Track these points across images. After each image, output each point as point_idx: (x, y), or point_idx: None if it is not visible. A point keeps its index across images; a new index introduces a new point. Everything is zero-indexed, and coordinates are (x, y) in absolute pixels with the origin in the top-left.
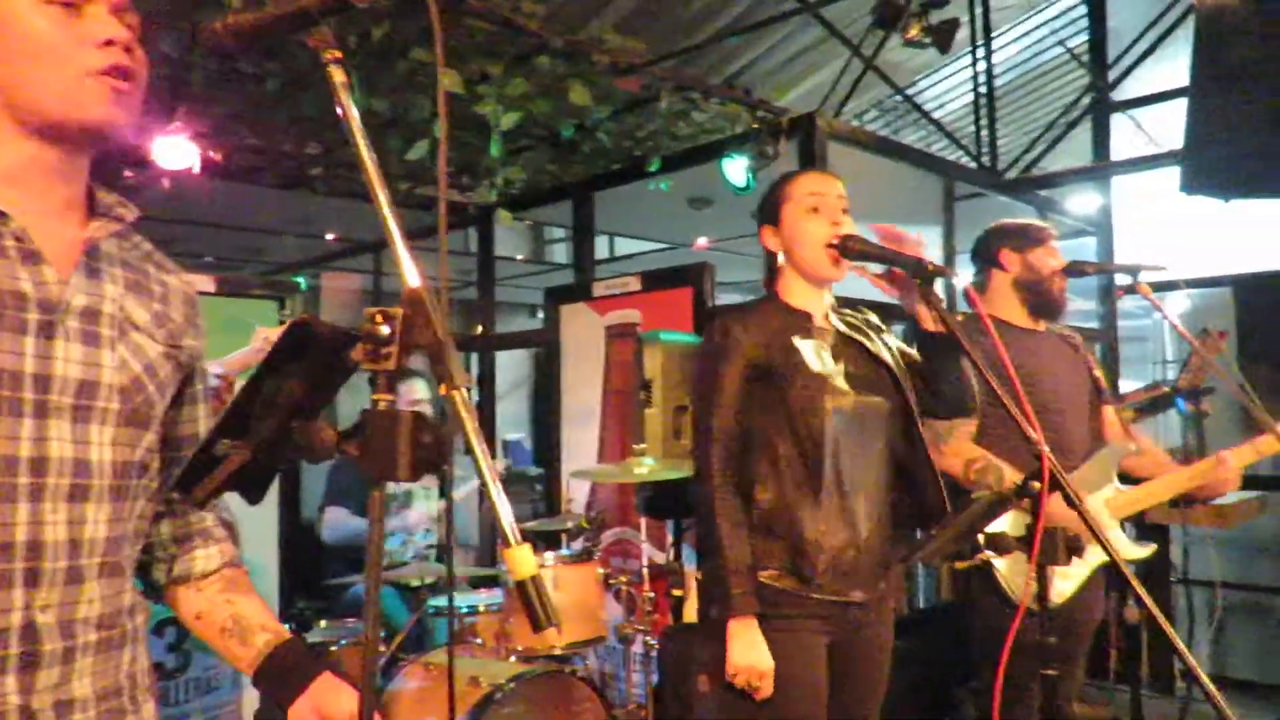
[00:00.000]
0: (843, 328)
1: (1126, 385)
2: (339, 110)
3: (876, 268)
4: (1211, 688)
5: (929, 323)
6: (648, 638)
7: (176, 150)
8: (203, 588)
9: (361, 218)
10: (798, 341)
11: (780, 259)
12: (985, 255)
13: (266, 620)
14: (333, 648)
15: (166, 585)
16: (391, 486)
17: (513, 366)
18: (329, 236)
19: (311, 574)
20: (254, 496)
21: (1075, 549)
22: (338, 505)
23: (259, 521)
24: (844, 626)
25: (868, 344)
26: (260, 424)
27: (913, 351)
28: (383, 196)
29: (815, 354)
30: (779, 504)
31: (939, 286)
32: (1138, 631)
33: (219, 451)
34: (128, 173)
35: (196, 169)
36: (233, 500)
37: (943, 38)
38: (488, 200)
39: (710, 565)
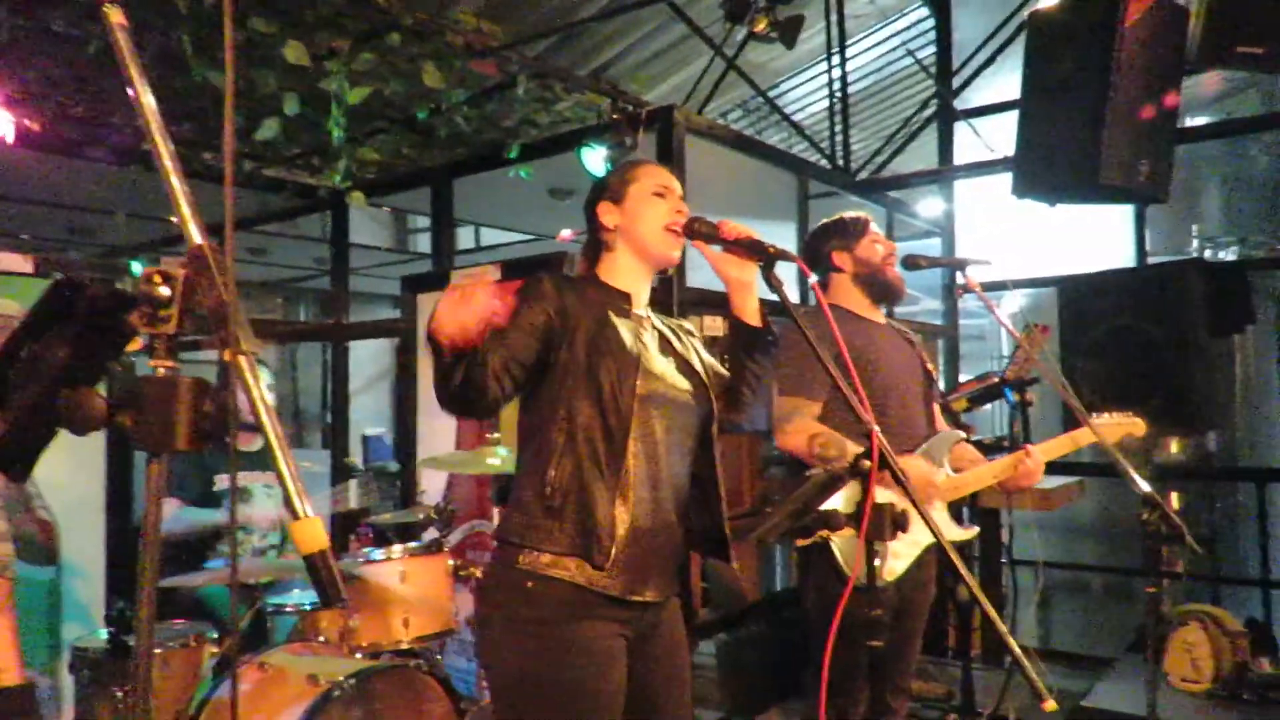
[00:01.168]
0: (659, 324)
1: (965, 377)
2: (117, 57)
3: (718, 249)
4: (1020, 654)
5: (749, 317)
6: None
7: None
8: None
9: (207, 198)
10: (615, 319)
11: (609, 239)
12: (820, 261)
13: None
14: (158, 650)
15: None
16: (232, 481)
17: (374, 359)
18: (173, 218)
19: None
20: (16, 472)
21: (901, 525)
22: (169, 497)
23: (83, 520)
24: (639, 626)
25: (678, 345)
26: (20, 392)
27: (721, 368)
28: (164, 147)
29: (631, 334)
30: (572, 480)
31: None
32: (970, 609)
33: None
34: None
35: (10, 139)
36: (56, 497)
37: (788, 33)
38: (335, 183)
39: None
